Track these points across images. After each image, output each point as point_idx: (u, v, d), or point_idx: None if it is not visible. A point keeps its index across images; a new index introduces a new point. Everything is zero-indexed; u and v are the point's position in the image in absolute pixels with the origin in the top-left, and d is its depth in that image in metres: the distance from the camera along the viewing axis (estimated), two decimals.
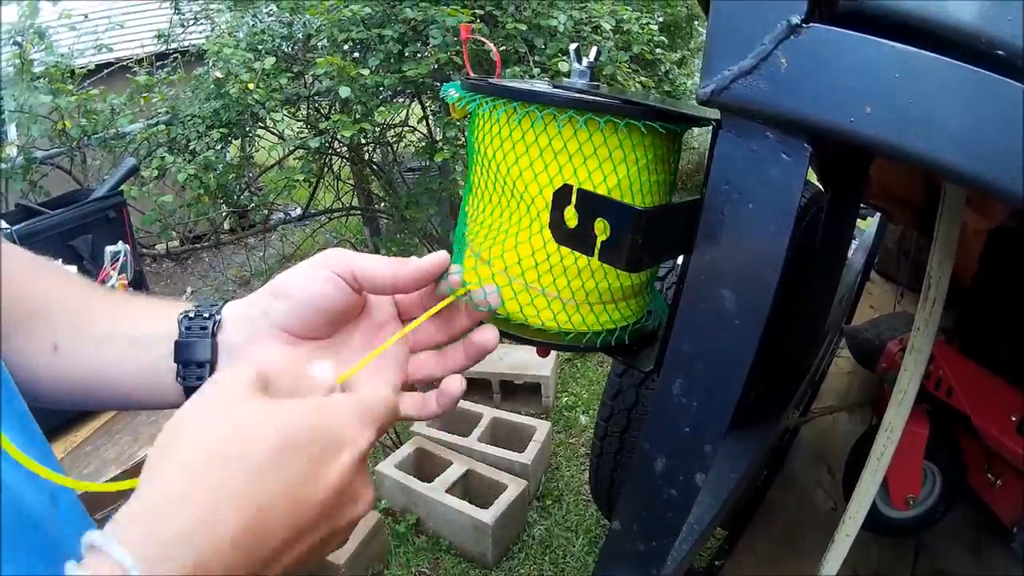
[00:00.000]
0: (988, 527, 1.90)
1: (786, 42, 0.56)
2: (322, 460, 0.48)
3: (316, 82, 4.58)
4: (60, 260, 2.35)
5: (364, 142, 4.85)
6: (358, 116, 4.07)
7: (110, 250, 2.52)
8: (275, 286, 0.63)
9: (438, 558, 2.83)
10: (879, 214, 2.73)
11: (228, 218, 5.98)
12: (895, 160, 0.54)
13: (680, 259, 0.71)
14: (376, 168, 5.39)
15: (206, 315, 0.64)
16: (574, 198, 0.60)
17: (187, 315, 0.64)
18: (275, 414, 0.48)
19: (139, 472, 0.46)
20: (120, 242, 2.56)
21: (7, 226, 2.42)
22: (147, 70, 4.98)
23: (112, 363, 0.64)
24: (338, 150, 5.07)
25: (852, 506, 1.42)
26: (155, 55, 5.44)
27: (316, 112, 4.99)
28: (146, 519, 0.42)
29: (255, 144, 5.15)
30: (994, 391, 1.64)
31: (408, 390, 0.69)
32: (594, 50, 0.75)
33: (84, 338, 0.64)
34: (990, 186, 0.51)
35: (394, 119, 4.97)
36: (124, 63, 5.22)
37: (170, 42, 5.44)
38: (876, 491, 1.43)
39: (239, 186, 4.98)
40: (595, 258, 0.61)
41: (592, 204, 0.60)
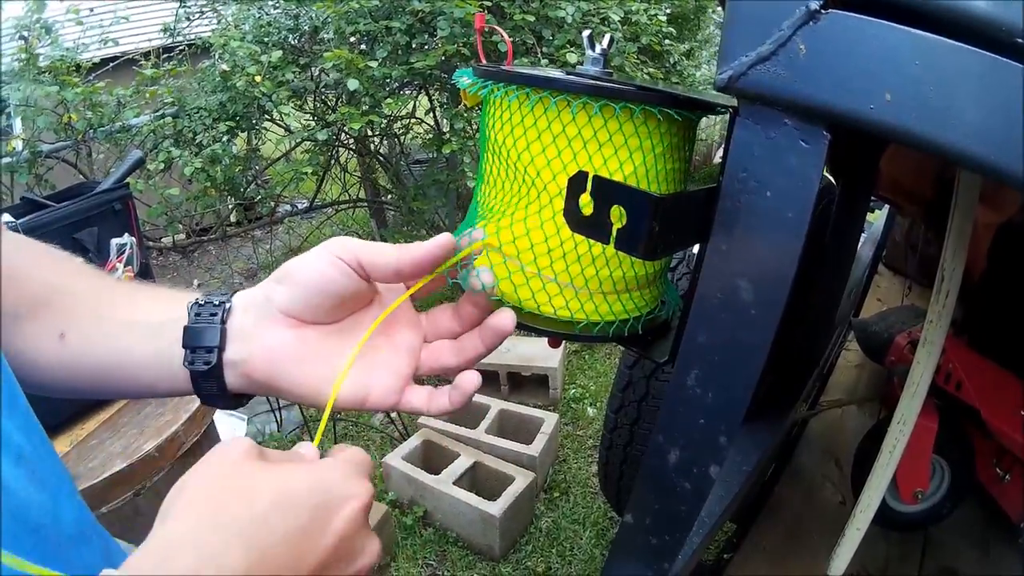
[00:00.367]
0: (995, 524, 1.89)
1: (805, 28, 0.55)
2: (326, 513, 0.50)
3: (323, 75, 4.57)
4: None
5: (371, 134, 4.85)
6: (366, 108, 4.07)
7: (116, 242, 2.51)
8: (280, 272, 0.63)
9: (445, 550, 2.83)
10: (888, 207, 2.71)
11: (235, 211, 5.98)
12: (915, 148, 0.53)
13: (695, 248, 0.70)
14: (383, 160, 5.40)
15: (216, 302, 0.64)
16: (589, 185, 0.59)
17: (198, 302, 0.64)
18: (276, 472, 0.51)
19: (144, 466, 0.47)
20: (126, 234, 2.55)
21: (11, 219, 2.41)
22: (153, 63, 4.97)
23: (120, 350, 0.63)
24: (345, 142, 5.07)
25: (863, 499, 1.42)
26: (161, 48, 5.43)
27: (323, 104, 4.99)
28: (155, 559, 0.43)
29: (262, 137, 5.15)
30: (1004, 385, 1.63)
31: (418, 383, 0.68)
32: (607, 37, 0.74)
33: (92, 326, 0.64)
34: (1011, 176, 0.50)
35: (401, 111, 4.97)
36: (130, 56, 5.21)
37: (176, 36, 5.44)
38: (887, 485, 1.42)
39: (246, 179, 4.99)
40: (610, 246, 0.60)
41: (608, 191, 0.59)
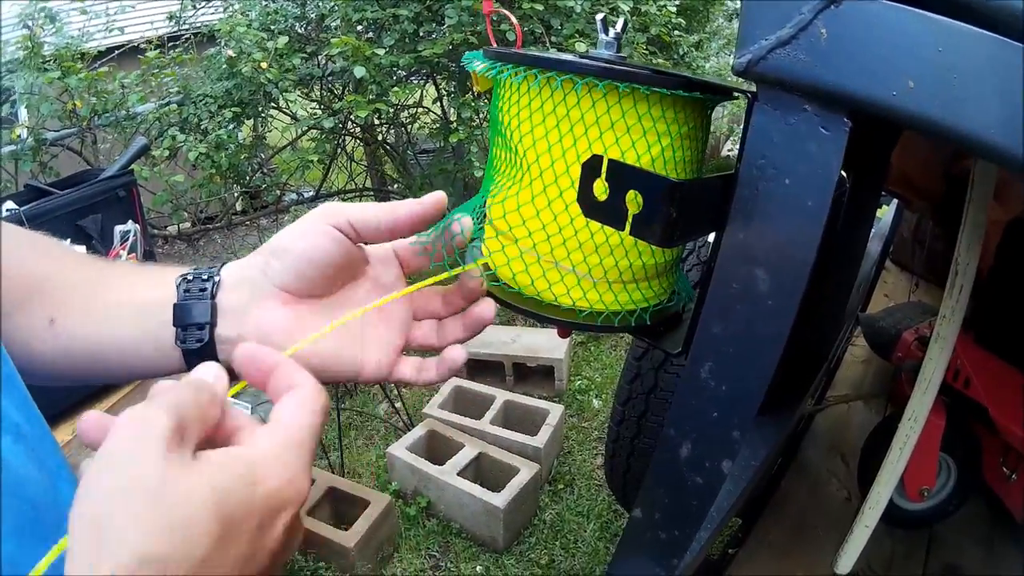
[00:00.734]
0: (1000, 522, 1.88)
1: (826, 12, 0.54)
2: (261, 532, 0.42)
3: (330, 62, 4.56)
4: (69, 240, 2.34)
5: (378, 123, 4.85)
6: (372, 96, 4.06)
7: (119, 229, 2.51)
8: (272, 244, 0.63)
9: (448, 541, 2.82)
10: (895, 202, 2.70)
11: (240, 199, 5.98)
12: (936, 138, 0.52)
13: (710, 238, 0.69)
14: (390, 149, 5.39)
15: (204, 276, 0.63)
16: (604, 170, 0.58)
17: (185, 278, 0.63)
18: (206, 492, 0.39)
19: None
20: (130, 221, 2.55)
21: (15, 206, 2.41)
22: (158, 49, 4.96)
23: (110, 333, 0.63)
24: (352, 131, 5.05)
25: (872, 496, 1.41)
26: (167, 36, 5.42)
27: (329, 92, 4.98)
28: None
29: (268, 124, 5.14)
30: (1012, 383, 1.62)
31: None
32: (620, 20, 0.72)
33: (81, 310, 0.63)
34: None
35: (408, 100, 4.95)
36: (135, 44, 5.20)
37: (182, 24, 5.43)
38: (896, 481, 1.41)
39: (251, 167, 4.98)
40: (626, 233, 0.59)
41: (624, 176, 0.57)
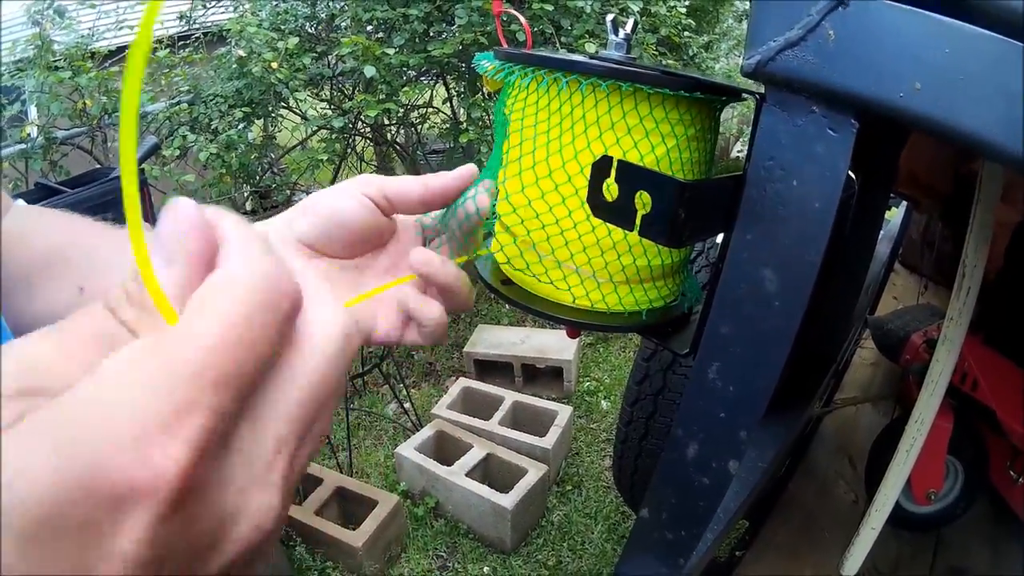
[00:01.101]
0: (1006, 524, 1.88)
1: (834, 14, 0.54)
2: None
3: (340, 62, 4.57)
4: None
5: (388, 123, 4.85)
6: (382, 96, 4.06)
7: None
8: (304, 203, 0.63)
9: (456, 542, 2.83)
10: (905, 204, 2.70)
11: (250, 198, 5.99)
12: (943, 139, 0.53)
13: (718, 239, 0.69)
14: (400, 149, 5.39)
15: None
16: (614, 170, 0.59)
17: None
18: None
19: None
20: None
21: (26, 205, 2.42)
22: (168, 48, 4.97)
23: None
24: (362, 130, 5.06)
25: (879, 498, 1.41)
26: (177, 36, 5.44)
27: (340, 92, 4.98)
28: None
29: (278, 124, 5.15)
30: (1021, 385, 1.61)
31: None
32: (631, 21, 0.73)
33: (110, 275, 0.63)
34: None
35: (418, 100, 4.95)
36: None
37: (192, 23, 5.44)
38: (903, 484, 1.41)
39: (261, 166, 4.99)
40: (635, 233, 0.59)
41: (633, 176, 0.58)
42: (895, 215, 2.94)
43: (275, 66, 4.05)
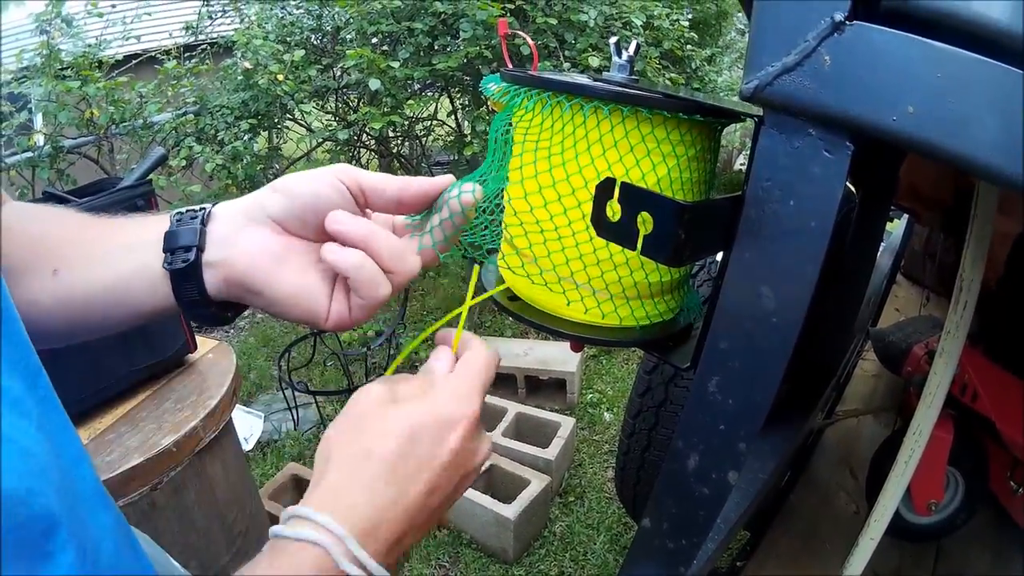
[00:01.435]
0: (1007, 532, 1.88)
1: (829, 39, 0.56)
2: (442, 436, 0.60)
3: (345, 74, 4.59)
4: None
5: (392, 135, 4.86)
6: (387, 109, 4.08)
7: None
8: (278, 182, 0.65)
9: (459, 552, 2.83)
10: (907, 216, 2.71)
11: None
12: (936, 160, 0.54)
13: (718, 256, 0.71)
14: (404, 161, 5.40)
15: (197, 208, 0.65)
16: (617, 192, 0.60)
17: (180, 211, 0.65)
18: (402, 411, 0.60)
19: (161, 460, 0.46)
20: None
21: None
22: (175, 62, 4.99)
23: (104, 272, 0.64)
24: (366, 142, 5.08)
25: (878, 509, 1.42)
26: (183, 47, 5.45)
27: (345, 104, 5.00)
28: (325, 499, 0.56)
29: (283, 135, 5.17)
30: (1020, 396, 1.62)
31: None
32: (633, 43, 0.74)
33: (84, 258, 0.64)
34: None
35: (423, 112, 4.97)
36: (152, 54, 5.22)
37: (198, 34, 5.46)
38: (902, 495, 1.42)
39: (267, 177, 5.00)
40: (637, 252, 0.61)
41: (635, 198, 0.60)
42: (897, 227, 2.95)
43: (281, 78, 4.06)
